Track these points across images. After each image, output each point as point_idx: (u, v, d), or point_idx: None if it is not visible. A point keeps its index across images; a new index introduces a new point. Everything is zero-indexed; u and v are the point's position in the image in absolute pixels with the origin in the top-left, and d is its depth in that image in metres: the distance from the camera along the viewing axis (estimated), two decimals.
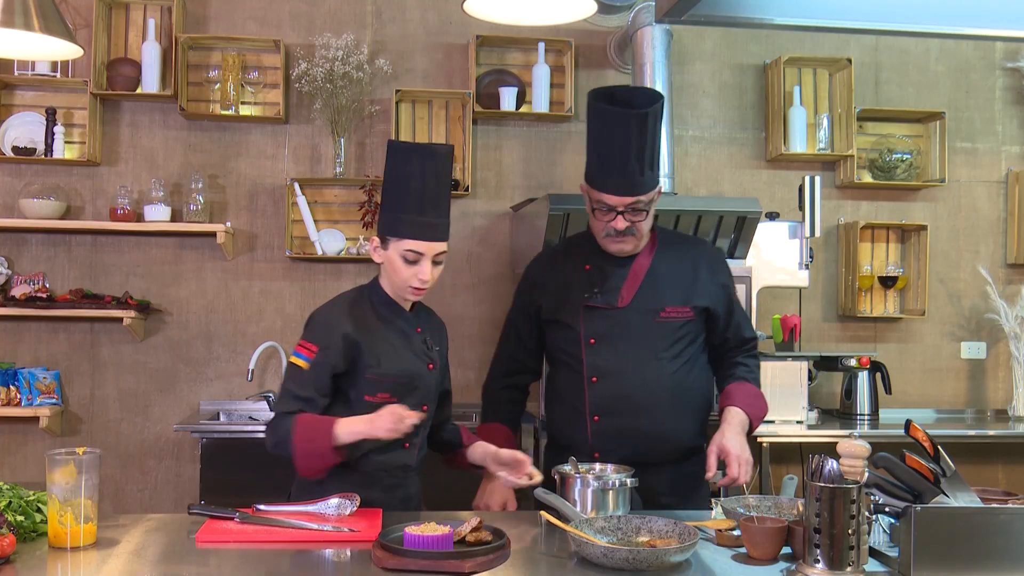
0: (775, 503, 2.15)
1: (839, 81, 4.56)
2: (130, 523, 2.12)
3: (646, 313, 2.42)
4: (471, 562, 1.79)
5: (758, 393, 2.53)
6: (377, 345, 2.27)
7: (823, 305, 4.58)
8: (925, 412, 4.53)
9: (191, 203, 4.12)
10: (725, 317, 2.52)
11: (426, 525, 1.89)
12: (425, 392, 2.34)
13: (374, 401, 2.24)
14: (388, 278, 2.32)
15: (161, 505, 4.13)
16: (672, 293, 2.44)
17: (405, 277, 2.24)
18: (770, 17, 2.14)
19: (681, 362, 2.44)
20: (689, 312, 2.45)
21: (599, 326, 2.43)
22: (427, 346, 2.35)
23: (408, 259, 2.23)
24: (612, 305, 2.43)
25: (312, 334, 2.27)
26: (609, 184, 2.34)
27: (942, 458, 1.89)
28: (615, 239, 2.40)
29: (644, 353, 2.41)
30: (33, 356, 4.15)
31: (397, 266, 2.25)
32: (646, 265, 2.46)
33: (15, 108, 4.16)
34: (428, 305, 2.47)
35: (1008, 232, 4.69)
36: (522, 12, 2.71)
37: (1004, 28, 2.21)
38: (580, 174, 4.39)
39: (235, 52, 4.23)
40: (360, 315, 2.29)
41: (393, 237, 2.24)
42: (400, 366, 2.29)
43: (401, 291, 2.29)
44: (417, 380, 2.31)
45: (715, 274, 2.52)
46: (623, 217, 2.36)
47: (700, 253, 2.55)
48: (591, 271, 2.48)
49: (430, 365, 2.35)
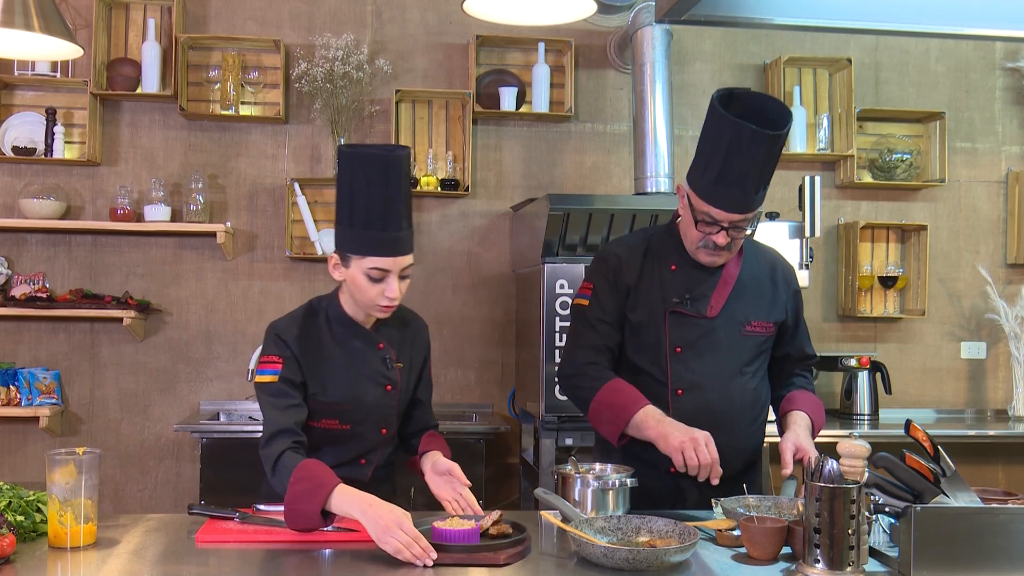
0: (775, 503, 2.14)
1: (839, 81, 4.56)
2: (130, 523, 2.12)
3: (733, 325, 2.31)
4: (504, 554, 1.82)
5: (819, 403, 2.45)
6: (324, 369, 2.16)
7: (823, 305, 4.58)
8: (925, 412, 4.53)
9: (191, 203, 4.12)
10: (792, 331, 2.45)
11: (451, 520, 1.90)
12: (382, 415, 2.23)
13: (319, 427, 2.16)
14: (351, 296, 2.17)
15: (161, 505, 4.13)
16: (756, 306, 2.35)
17: (372, 296, 2.11)
18: (770, 17, 2.14)
19: (759, 379, 2.37)
20: (771, 328, 2.37)
21: (686, 335, 2.29)
22: (387, 365, 2.22)
23: (373, 277, 2.09)
24: (701, 313, 2.29)
25: (274, 347, 2.15)
26: (723, 199, 2.18)
27: (942, 458, 1.89)
28: (712, 252, 2.27)
29: (729, 367, 2.31)
30: (33, 356, 4.15)
31: (361, 285, 2.11)
32: (735, 274, 2.34)
33: (15, 108, 4.16)
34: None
35: (1008, 232, 4.69)
36: (522, 12, 2.71)
37: (1004, 28, 2.20)
38: (580, 174, 4.46)
39: (235, 52, 4.23)
40: (310, 335, 2.17)
41: (355, 255, 2.10)
42: (348, 392, 2.17)
43: (368, 309, 2.16)
44: (369, 404, 2.19)
45: (789, 287, 2.44)
46: (726, 232, 2.23)
47: (777, 264, 2.45)
48: (678, 273, 2.33)
49: (388, 387, 2.22)
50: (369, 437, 2.24)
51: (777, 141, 2.15)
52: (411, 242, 2.17)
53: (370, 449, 2.25)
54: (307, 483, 1.93)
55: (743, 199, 2.18)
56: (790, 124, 2.18)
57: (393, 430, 2.29)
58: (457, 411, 4.27)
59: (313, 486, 1.92)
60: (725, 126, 2.15)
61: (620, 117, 4.50)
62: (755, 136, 2.12)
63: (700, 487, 2.27)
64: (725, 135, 2.15)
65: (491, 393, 4.38)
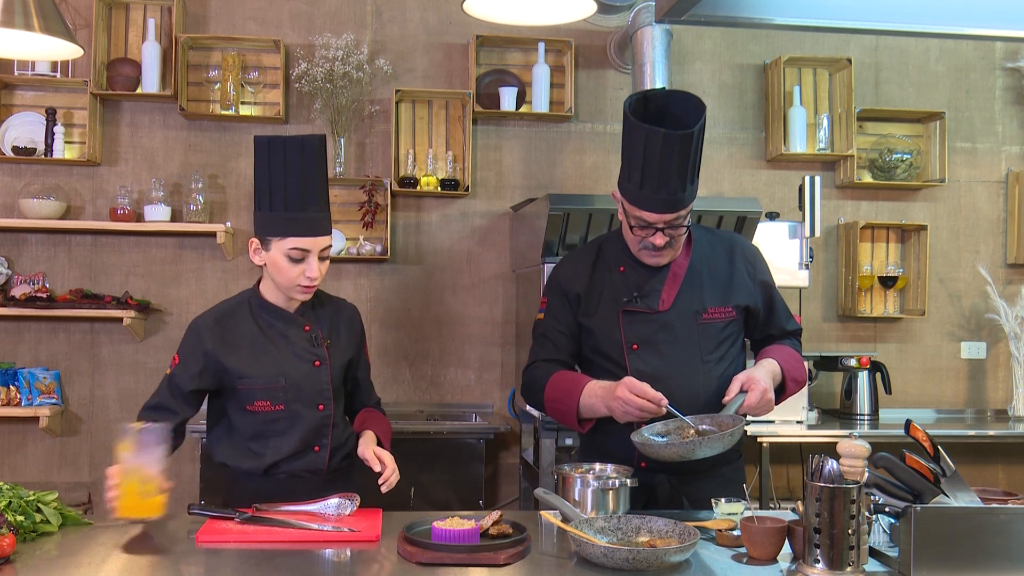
0: (712, 419, 2.19)
1: (839, 81, 4.56)
2: (130, 523, 2.12)
3: (688, 316, 2.33)
4: (504, 554, 1.82)
5: (796, 355, 2.44)
6: (244, 356, 2.24)
7: (823, 305, 4.58)
8: (925, 412, 4.53)
9: (191, 203, 4.12)
10: (765, 313, 2.45)
11: (451, 520, 1.91)
12: (315, 391, 2.27)
13: (254, 410, 2.23)
14: (272, 280, 2.25)
15: None
16: (712, 294, 2.37)
17: (292, 277, 2.20)
18: (770, 17, 2.14)
19: (725, 365, 2.37)
20: (731, 312, 2.38)
21: (641, 331, 2.33)
22: (313, 343, 2.28)
23: (294, 258, 2.18)
24: (653, 309, 2.33)
25: (182, 344, 2.30)
26: (649, 202, 2.22)
27: (942, 458, 1.89)
28: (653, 253, 2.30)
29: (689, 357, 2.33)
30: (33, 356, 4.15)
31: (282, 266, 2.19)
32: (685, 266, 2.37)
33: (15, 108, 4.16)
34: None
35: (1008, 232, 4.69)
36: (522, 12, 2.71)
37: (1004, 28, 2.20)
38: (580, 174, 4.45)
39: (235, 52, 4.23)
40: (230, 326, 2.27)
41: (275, 237, 2.18)
42: (273, 371, 2.23)
43: (289, 291, 2.24)
44: (299, 381, 2.25)
45: (754, 269, 2.44)
46: (662, 233, 2.26)
47: (735, 248, 2.46)
48: (627, 273, 2.38)
49: (316, 363, 2.27)
50: (307, 416, 2.27)
51: (690, 140, 2.19)
52: (329, 224, 2.25)
53: (316, 433, 2.27)
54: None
55: (669, 199, 2.22)
56: (702, 120, 2.21)
57: (331, 409, 2.30)
58: (457, 411, 4.27)
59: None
60: (637, 132, 2.21)
61: (620, 117, 4.48)
62: (667, 138, 2.16)
63: (670, 480, 2.31)
64: (639, 141, 2.20)
65: (491, 393, 4.38)
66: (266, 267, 2.25)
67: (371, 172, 4.30)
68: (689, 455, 2.11)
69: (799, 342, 2.56)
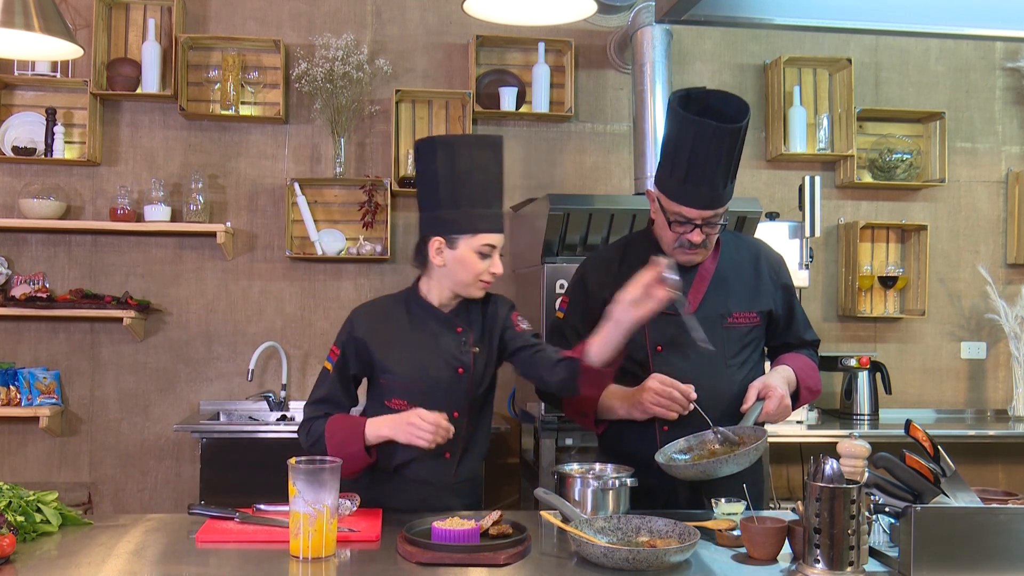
0: (733, 431, 2.21)
1: (839, 81, 4.56)
2: (130, 523, 2.12)
3: (713, 319, 2.33)
4: (504, 554, 1.82)
5: (814, 366, 2.46)
6: (393, 349, 2.25)
7: (823, 305, 4.58)
8: (925, 412, 4.54)
9: (191, 203, 4.12)
10: (785, 321, 2.46)
11: (451, 520, 1.90)
12: (452, 398, 2.25)
13: (391, 406, 2.23)
14: (451, 278, 2.23)
15: (161, 505, 4.13)
16: (738, 298, 2.37)
17: (478, 271, 2.21)
18: (770, 17, 2.14)
19: (747, 369, 2.38)
20: (755, 317, 2.39)
21: (666, 332, 2.32)
22: (462, 349, 2.26)
23: (484, 253, 2.20)
24: (679, 311, 2.32)
25: (338, 336, 2.31)
26: (691, 197, 2.23)
27: (942, 458, 1.89)
28: (689, 251, 2.31)
29: (712, 361, 2.32)
30: (33, 356, 4.15)
31: (470, 263, 2.20)
32: (712, 269, 2.38)
33: (15, 108, 4.16)
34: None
35: (1008, 232, 4.69)
36: (522, 12, 2.72)
37: (1004, 28, 2.20)
38: (580, 174, 4.46)
39: (235, 52, 4.23)
40: (384, 317, 2.28)
41: (465, 234, 2.19)
42: (417, 371, 2.24)
43: (468, 288, 2.24)
44: (439, 385, 2.24)
45: (777, 276, 2.46)
46: (700, 230, 2.27)
47: (761, 254, 2.46)
48: None
49: (460, 370, 2.25)
50: None
51: (738, 134, 2.22)
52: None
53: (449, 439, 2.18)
54: (341, 427, 2.18)
55: (712, 195, 2.23)
56: (748, 117, 2.24)
57: (467, 418, 2.28)
58: None
59: (347, 424, 2.18)
60: (687, 126, 2.22)
61: (620, 117, 4.50)
62: (717, 132, 2.18)
63: (692, 485, 2.30)
64: (688, 134, 2.21)
65: None
66: (439, 267, 2.23)
67: (371, 172, 4.31)
68: (715, 473, 2.13)
69: (816, 353, 2.57)
